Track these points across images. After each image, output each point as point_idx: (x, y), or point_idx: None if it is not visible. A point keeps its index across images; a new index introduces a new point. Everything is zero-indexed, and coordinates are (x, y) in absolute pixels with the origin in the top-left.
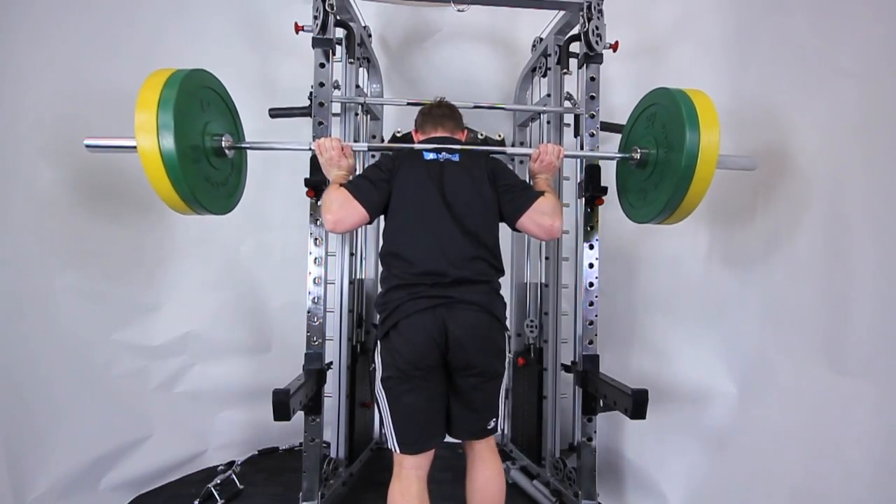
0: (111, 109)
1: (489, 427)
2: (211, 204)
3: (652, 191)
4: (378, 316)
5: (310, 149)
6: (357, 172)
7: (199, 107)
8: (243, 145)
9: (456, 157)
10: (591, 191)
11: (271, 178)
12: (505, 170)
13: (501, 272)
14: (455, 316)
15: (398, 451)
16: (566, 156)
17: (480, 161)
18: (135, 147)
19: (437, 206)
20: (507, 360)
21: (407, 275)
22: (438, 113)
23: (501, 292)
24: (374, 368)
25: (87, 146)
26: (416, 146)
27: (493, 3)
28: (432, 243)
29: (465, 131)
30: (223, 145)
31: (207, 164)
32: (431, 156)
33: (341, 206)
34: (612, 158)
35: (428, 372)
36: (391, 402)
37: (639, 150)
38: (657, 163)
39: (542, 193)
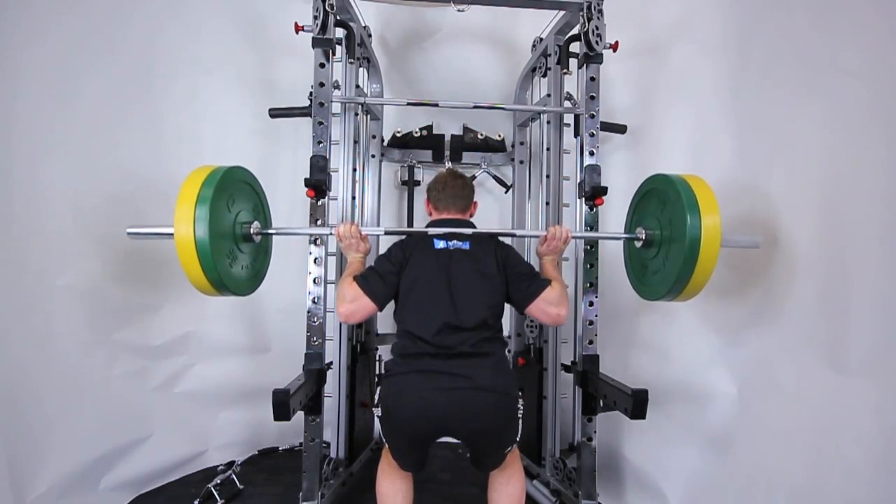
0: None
1: (504, 453)
2: (236, 288)
3: (658, 271)
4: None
5: (330, 234)
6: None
7: (232, 200)
8: (270, 231)
9: (465, 245)
10: (591, 191)
11: (271, 178)
12: (514, 257)
13: (506, 345)
14: (460, 411)
15: (389, 454)
16: (574, 237)
17: (489, 247)
18: (172, 234)
19: (445, 296)
20: (520, 416)
21: (413, 347)
22: (451, 193)
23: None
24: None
25: (129, 234)
26: (429, 231)
27: (493, 3)
28: (440, 324)
29: (476, 204)
30: (251, 232)
31: (236, 250)
32: (441, 244)
33: (353, 301)
34: (617, 239)
35: (421, 440)
36: (385, 435)
37: (644, 231)
38: (662, 244)
39: (549, 282)
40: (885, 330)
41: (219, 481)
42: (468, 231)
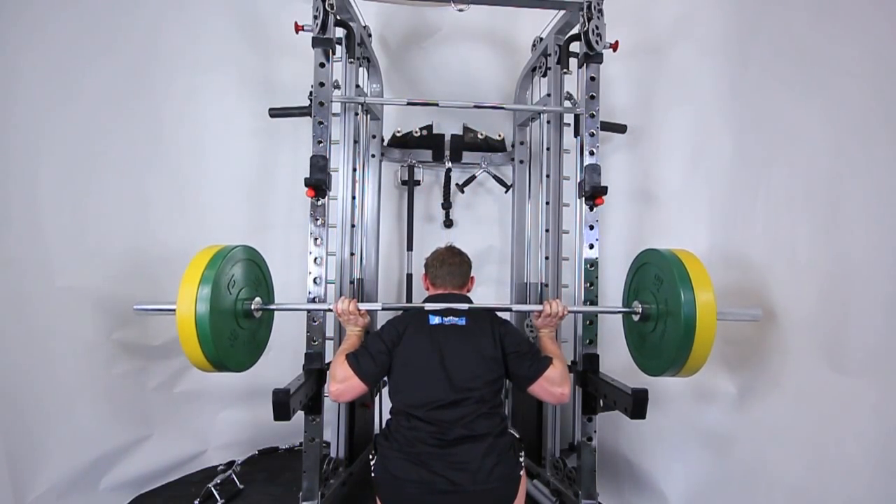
0: None
1: None
2: (236, 366)
3: (657, 346)
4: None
5: (329, 310)
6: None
7: (234, 278)
8: (271, 307)
9: (461, 321)
10: (591, 190)
11: (271, 177)
12: (513, 333)
13: (505, 422)
14: None
15: None
16: (571, 311)
17: (486, 323)
18: (174, 311)
19: (439, 371)
20: (522, 488)
21: (407, 427)
22: (448, 271)
23: (502, 292)
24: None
25: (136, 310)
26: (426, 306)
27: (493, 2)
28: (435, 400)
29: (473, 279)
30: (252, 308)
31: (236, 326)
32: (437, 320)
33: (342, 382)
34: (615, 313)
35: None
36: (377, 494)
37: (640, 305)
38: (658, 318)
39: (550, 360)
40: (885, 330)
41: (219, 481)
42: (464, 306)
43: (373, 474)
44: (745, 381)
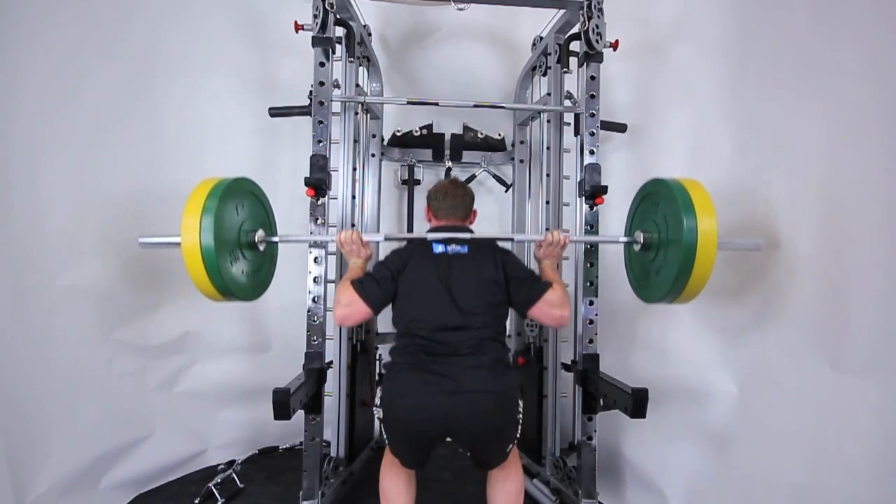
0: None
1: (506, 451)
2: (242, 293)
3: (657, 274)
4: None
5: (332, 240)
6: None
7: (237, 209)
8: (274, 239)
9: (464, 250)
10: (591, 190)
11: (271, 177)
12: (514, 261)
13: (508, 348)
14: (461, 416)
15: (391, 451)
16: (573, 241)
17: (488, 252)
18: (179, 244)
19: (445, 297)
20: (519, 422)
21: (412, 345)
22: (451, 203)
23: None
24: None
25: (141, 243)
26: (428, 237)
27: (493, 1)
28: (440, 324)
29: (475, 212)
30: (256, 240)
31: (241, 258)
32: (440, 249)
33: (348, 305)
34: (616, 243)
35: (423, 443)
36: (387, 435)
37: (642, 235)
38: (660, 247)
39: (550, 284)
40: (885, 330)
41: (219, 480)
42: (467, 235)
43: (378, 404)
44: (745, 381)
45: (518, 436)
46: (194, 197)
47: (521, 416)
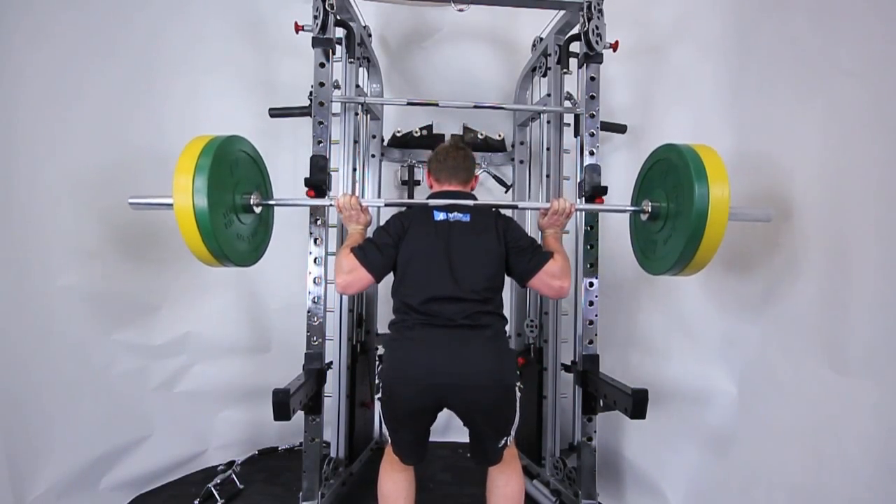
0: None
1: (500, 445)
2: (237, 258)
3: (664, 244)
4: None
5: (331, 205)
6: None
7: (230, 169)
8: (270, 202)
9: (466, 217)
10: (591, 190)
11: (271, 178)
12: (515, 229)
13: (505, 320)
14: (458, 379)
15: (391, 448)
16: (578, 209)
17: (490, 220)
18: (171, 205)
19: (444, 267)
20: (517, 400)
21: (410, 318)
22: (452, 164)
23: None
24: (377, 372)
25: (131, 204)
26: (429, 202)
27: (493, 2)
28: (438, 295)
29: (478, 177)
30: (251, 202)
31: (236, 221)
32: (441, 216)
33: (349, 273)
34: (623, 212)
35: (421, 414)
36: (385, 418)
37: (650, 204)
38: (668, 216)
39: (551, 254)
40: (885, 330)
41: (219, 481)
42: (469, 203)
43: (378, 383)
44: (745, 381)
45: (516, 425)
46: (186, 155)
47: (519, 400)
